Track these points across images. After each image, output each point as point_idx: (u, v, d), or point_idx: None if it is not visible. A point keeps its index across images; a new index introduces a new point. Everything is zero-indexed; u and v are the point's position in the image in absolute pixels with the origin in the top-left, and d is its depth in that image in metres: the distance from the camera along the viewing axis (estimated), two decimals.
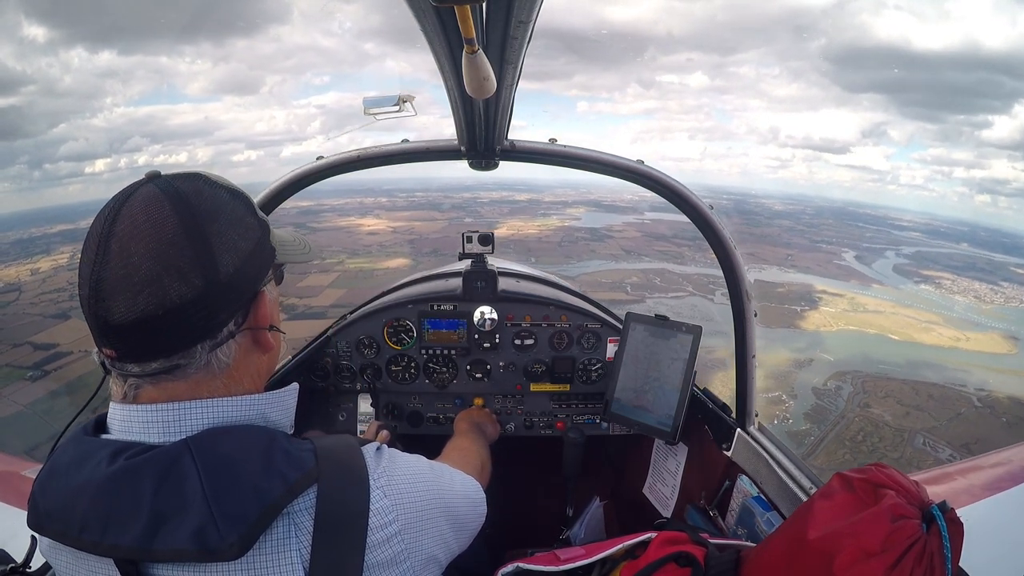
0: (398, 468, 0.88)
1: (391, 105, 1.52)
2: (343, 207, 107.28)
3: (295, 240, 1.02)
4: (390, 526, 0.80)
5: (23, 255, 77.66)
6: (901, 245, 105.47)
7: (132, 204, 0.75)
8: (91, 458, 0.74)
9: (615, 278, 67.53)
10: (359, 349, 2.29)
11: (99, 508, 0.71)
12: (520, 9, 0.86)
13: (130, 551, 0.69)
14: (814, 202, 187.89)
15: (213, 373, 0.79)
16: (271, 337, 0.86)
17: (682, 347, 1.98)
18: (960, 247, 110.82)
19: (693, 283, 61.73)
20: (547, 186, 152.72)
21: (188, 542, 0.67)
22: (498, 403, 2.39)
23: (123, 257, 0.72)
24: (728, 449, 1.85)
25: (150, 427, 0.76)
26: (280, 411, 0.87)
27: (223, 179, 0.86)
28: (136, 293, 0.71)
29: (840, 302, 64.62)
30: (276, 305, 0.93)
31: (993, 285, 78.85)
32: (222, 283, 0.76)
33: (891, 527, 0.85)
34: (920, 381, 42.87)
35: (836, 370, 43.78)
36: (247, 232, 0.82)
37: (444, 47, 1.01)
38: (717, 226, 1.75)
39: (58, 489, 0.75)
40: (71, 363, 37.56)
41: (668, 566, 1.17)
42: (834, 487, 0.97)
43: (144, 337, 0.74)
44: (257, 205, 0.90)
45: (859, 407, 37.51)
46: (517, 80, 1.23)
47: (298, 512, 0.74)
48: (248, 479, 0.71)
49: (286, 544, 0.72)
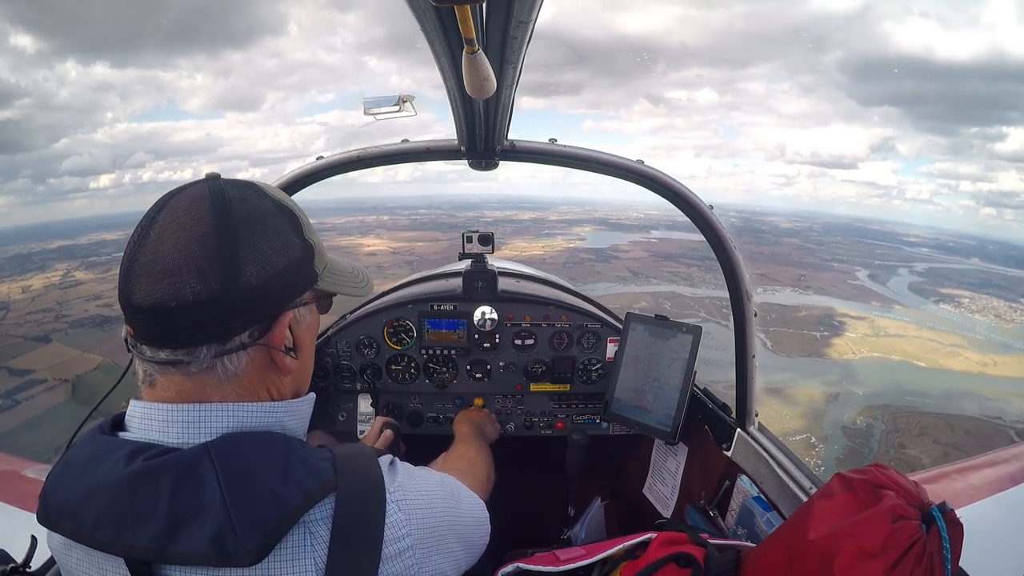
0: (413, 484, 0.89)
1: (391, 105, 1.52)
2: (344, 226, 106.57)
3: (353, 272, 1.00)
4: (403, 540, 0.80)
5: (18, 271, 77.01)
6: (913, 262, 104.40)
7: (180, 198, 0.78)
8: (108, 457, 0.74)
9: (623, 302, 66.04)
10: (359, 349, 2.29)
11: (115, 507, 0.70)
12: (520, 9, 0.86)
13: (145, 552, 0.69)
14: (820, 219, 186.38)
15: (219, 379, 0.78)
16: (289, 361, 0.84)
17: (682, 347, 1.98)
18: (971, 262, 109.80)
19: (705, 307, 60.20)
20: (552, 204, 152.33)
21: (205, 546, 0.67)
22: (498, 403, 2.39)
23: (156, 244, 0.75)
24: (728, 449, 1.85)
25: (169, 427, 0.76)
26: (297, 420, 0.88)
27: (278, 193, 0.86)
28: (157, 280, 0.73)
29: (861, 326, 63.24)
30: (311, 329, 0.91)
31: (1012, 302, 77.47)
32: (241, 291, 0.76)
33: (891, 528, 0.85)
34: (954, 415, 40.54)
35: (866, 404, 42.11)
36: (284, 249, 0.81)
37: (444, 47, 1.01)
38: (717, 226, 1.75)
39: (72, 486, 0.75)
40: (44, 392, 37.19)
41: (668, 566, 1.16)
42: (834, 487, 0.96)
43: (155, 324, 0.75)
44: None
45: (894, 448, 35.72)
46: (517, 80, 1.23)
47: (314, 521, 0.74)
48: (267, 486, 0.71)
49: (301, 552, 0.72)
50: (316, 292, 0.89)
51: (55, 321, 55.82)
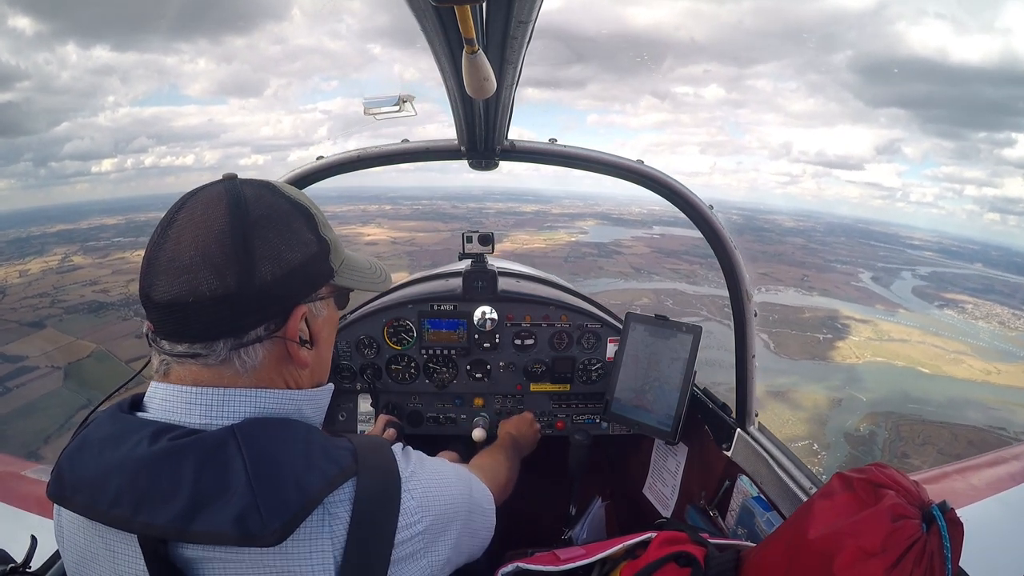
0: (426, 471, 0.91)
1: (391, 105, 1.52)
2: (345, 214, 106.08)
3: (371, 267, 1.02)
4: (415, 526, 0.83)
5: (16, 255, 76.79)
6: (916, 265, 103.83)
7: (198, 197, 0.81)
8: (131, 436, 0.75)
9: (625, 299, 65.98)
10: (359, 349, 2.29)
11: (137, 485, 0.71)
12: (520, 9, 0.86)
13: (164, 530, 0.70)
14: (823, 218, 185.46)
15: (237, 372, 0.80)
16: (305, 354, 0.86)
17: (682, 347, 1.98)
18: (974, 267, 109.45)
19: (708, 306, 59.98)
20: (554, 197, 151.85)
21: (229, 526, 0.68)
22: (498, 403, 2.39)
23: (175, 242, 0.77)
24: (728, 449, 1.86)
25: (192, 409, 0.78)
26: (314, 409, 0.90)
27: (293, 191, 0.89)
28: (175, 277, 0.76)
29: (865, 329, 62.83)
30: (329, 323, 0.93)
31: (1015, 309, 77.01)
32: (256, 288, 0.78)
33: (891, 527, 0.85)
34: (958, 424, 40.32)
35: (869, 410, 41.84)
36: (299, 246, 0.83)
37: (444, 47, 1.01)
38: (718, 226, 1.75)
39: (91, 463, 0.75)
40: (36, 379, 37.09)
41: (668, 566, 1.17)
42: (834, 487, 0.96)
43: (174, 319, 0.77)
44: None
45: (896, 457, 35.39)
46: (517, 80, 1.23)
47: (334, 503, 0.76)
48: (291, 471, 0.74)
49: (320, 532, 0.74)
50: (332, 287, 0.91)
51: (51, 306, 55.71)
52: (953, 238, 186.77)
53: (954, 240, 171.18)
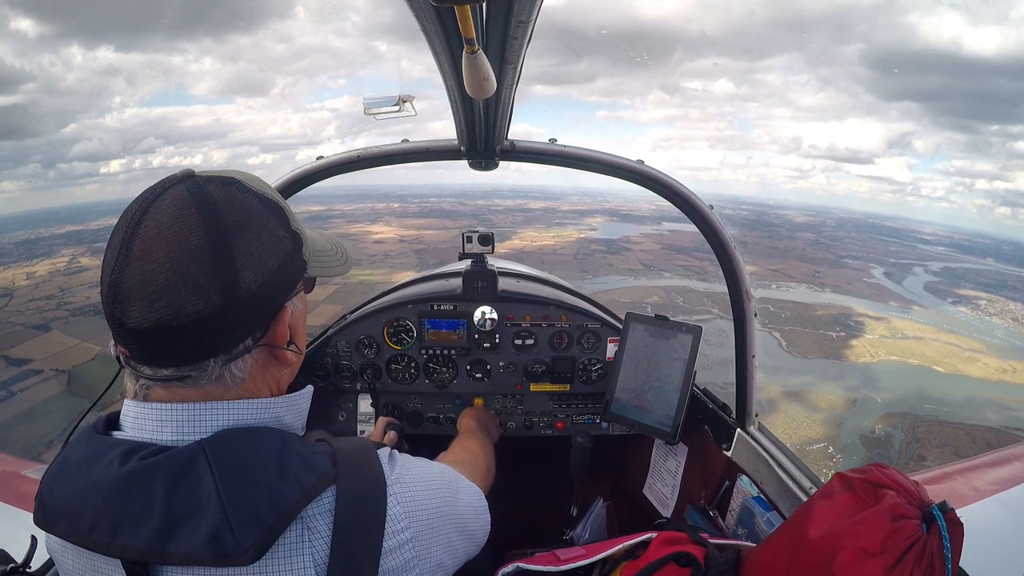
0: (412, 475, 0.88)
1: (391, 105, 1.52)
2: (353, 213, 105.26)
3: (332, 248, 0.99)
4: (403, 533, 0.80)
5: (24, 257, 76.44)
6: (928, 260, 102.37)
7: (160, 206, 0.73)
8: (102, 457, 0.73)
9: (634, 296, 65.19)
10: (359, 349, 2.29)
11: (111, 508, 0.70)
12: (520, 9, 0.86)
13: (141, 553, 0.68)
14: (834, 213, 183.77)
15: (227, 386, 0.78)
16: (290, 354, 0.85)
17: (682, 347, 1.98)
18: (986, 262, 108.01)
19: (718, 303, 58.66)
20: (563, 193, 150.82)
21: (203, 545, 0.66)
22: (498, 403, 2.39)
23: (143, 262, 0.71)
24: (728, 449, 1.85)
25: (163, 426, 0.75)
26: (293, 414, 0.87)
27: (259, 184, 0.84)
28: (152, 302, 0.70)
29: (879, 327, 61.49)
30: (303, 316, 0.91)
31: None
32: (242, 300, 0.75)
33: (891, 527, 0.85)
34: (975, 425, 39.22)
35: (885, 411, 40.86)
36: (276, 247, 0.80)
37: (444, 47, 1.01)
38: (717, 226, 1.75)
39: (67, 487, 0.74)
40: (39, 383, 36.81)
41: (668, 566, 1.16)
42: (834, 487, 0.96)
43: (157, 345, 0.73)
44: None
45: (913, 460, 34.56)
46: (517, 80, 1.23)
47: (313, 516, 0.73)
48: (264, 482, 0.71)
49: (299, 548, 0.71)
50: (305, 279, 0.90)
51: (57, 309, 55.44)
52: (964, 233, 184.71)
53: (965, 235, 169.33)
